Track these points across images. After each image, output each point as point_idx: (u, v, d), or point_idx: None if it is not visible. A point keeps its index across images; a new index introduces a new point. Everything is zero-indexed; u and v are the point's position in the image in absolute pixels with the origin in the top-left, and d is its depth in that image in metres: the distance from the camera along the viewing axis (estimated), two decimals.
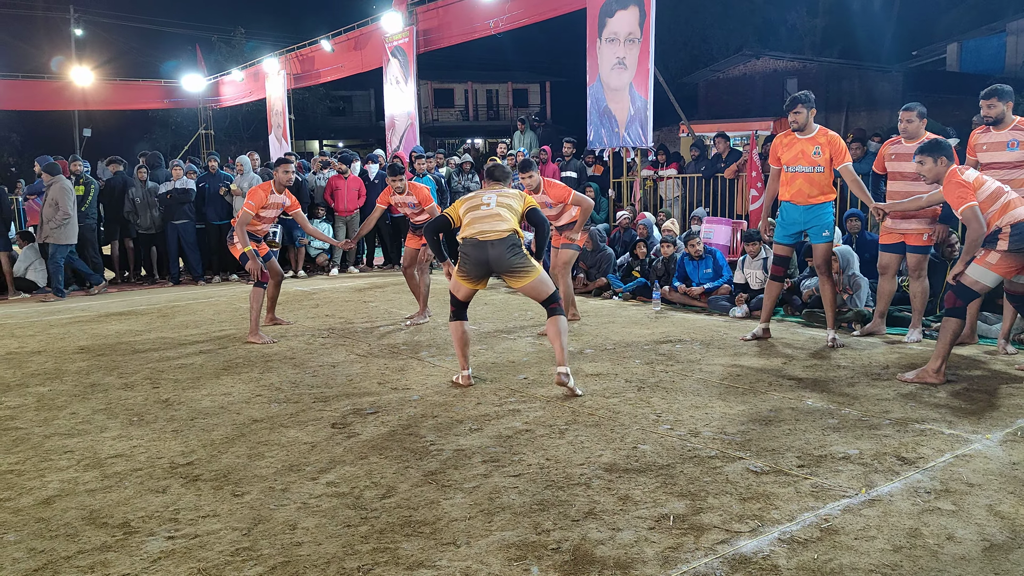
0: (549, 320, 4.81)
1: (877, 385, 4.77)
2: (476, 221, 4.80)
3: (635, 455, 3.66)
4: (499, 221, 4.77)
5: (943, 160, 4.92)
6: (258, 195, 6.72)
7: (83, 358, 6.27)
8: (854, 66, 28.05)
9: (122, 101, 20.99)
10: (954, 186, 4.81)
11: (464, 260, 4.81)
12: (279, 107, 17.42)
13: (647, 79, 9.55)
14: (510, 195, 4.98)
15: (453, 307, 5.01)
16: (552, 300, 4.81)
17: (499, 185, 5.15)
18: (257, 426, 4.31)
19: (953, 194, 4.80)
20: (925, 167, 4.98)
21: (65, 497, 3.39)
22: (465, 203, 4.98)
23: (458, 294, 4.96)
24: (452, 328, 5.02)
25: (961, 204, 4.74)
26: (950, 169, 4.90)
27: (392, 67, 14.21)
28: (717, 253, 8.00)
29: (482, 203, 4.89)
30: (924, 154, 4.98)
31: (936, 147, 4.97)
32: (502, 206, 4.86)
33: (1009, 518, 2.90)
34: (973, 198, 4.72)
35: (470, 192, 11.83)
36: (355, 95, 41.38)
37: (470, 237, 4.77)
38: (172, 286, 11.15)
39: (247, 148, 13.95)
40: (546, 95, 43.37)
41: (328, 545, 2.85)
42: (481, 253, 4.73)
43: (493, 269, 4.78)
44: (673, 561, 2.64)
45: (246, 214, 6.63)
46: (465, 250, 4.80)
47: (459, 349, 5.00)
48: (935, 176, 4.96)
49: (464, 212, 4.92)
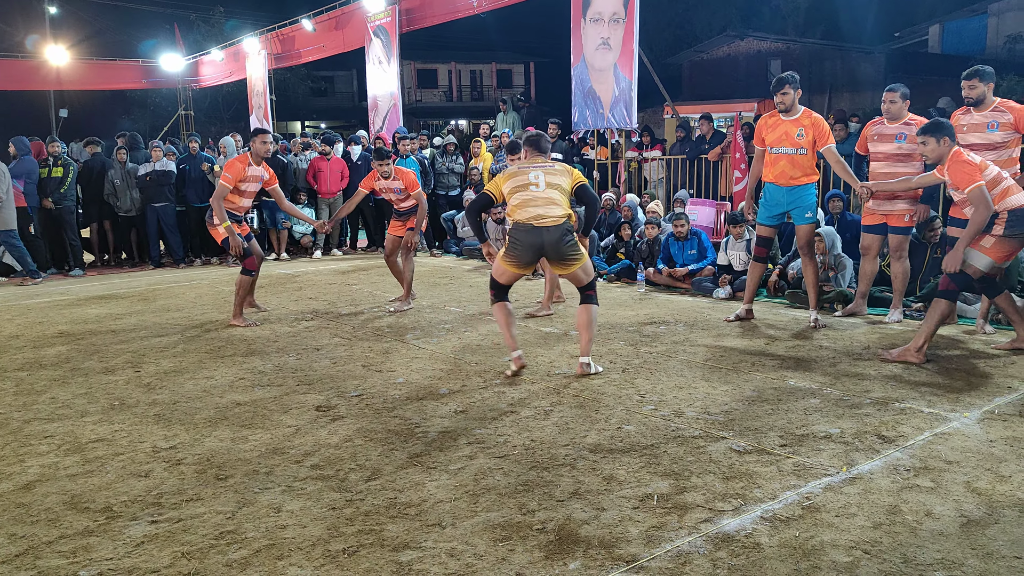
0: (582, 307, 4.72)
1: (858, 365, 4.82)
2: (529, 204, 4.54)
3: (619, 435, 3.68)
4: (553, 206, 4.53)
5: (946, 140, 4.87)
6: (235, 167, 6.36)
7: (63, 342, 6.20)
8: (837, 47, 28.11)
9: (99, 81, 20.67)
10: (962, 165, 4.77)
11: (515, 245, 4.59)
12: (260, 87, 17.22)
13: (631, 60, 9.51)
14: (557, 171, 4.69)
15: (493, 290, 4.82)
16: (589, 288, 4.73)
17: (541, 157, 4.80)
18: (240, 410, 4.29)
19: (961, 173, 4.76)
20: (928, 147, 4.92)
21: (46, 482, 3.37)
22: (509, 180, 4.67)
23: (502, 279, 4.78)
24: (496, 311, 4.81)
25: (969, 184, 4.71)
26: (954, 149, 4.86)
27: (375, 47, 14.07)
28: (702, 235, 8.02)
29: (530, 182, 4.59)
30: (927, 134, 4.92)
31: (939, 127, 4.91)
32: (552, 187, 4.60)
33: (986, 494, 2.94)
34: (981, 178, 4.70)
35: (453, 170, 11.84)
36: (337, 75, 41.02)
37: (524, 222, 4.53)
38: (153, 269, 11.04)
39: (228, 129, 13.82)
40: (530, 75, 43.17)
41: (313, 528, 2.85)
42: (536, 239, 4.52)
43: (546, 256, 4.61)
44: (657, 540, 2.66)
45: (223, 187, 6.30)
46: (517, 235, 4.57)
47: (506, 330, 4.78)
48: (937, 156, 4.91)
49: (510, 191, 4.64)
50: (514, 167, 4.75)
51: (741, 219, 7.38)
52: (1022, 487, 3.00)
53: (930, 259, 6.58)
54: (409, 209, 7.13)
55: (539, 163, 4.74)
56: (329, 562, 2.60)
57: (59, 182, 10.31)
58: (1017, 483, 3.03)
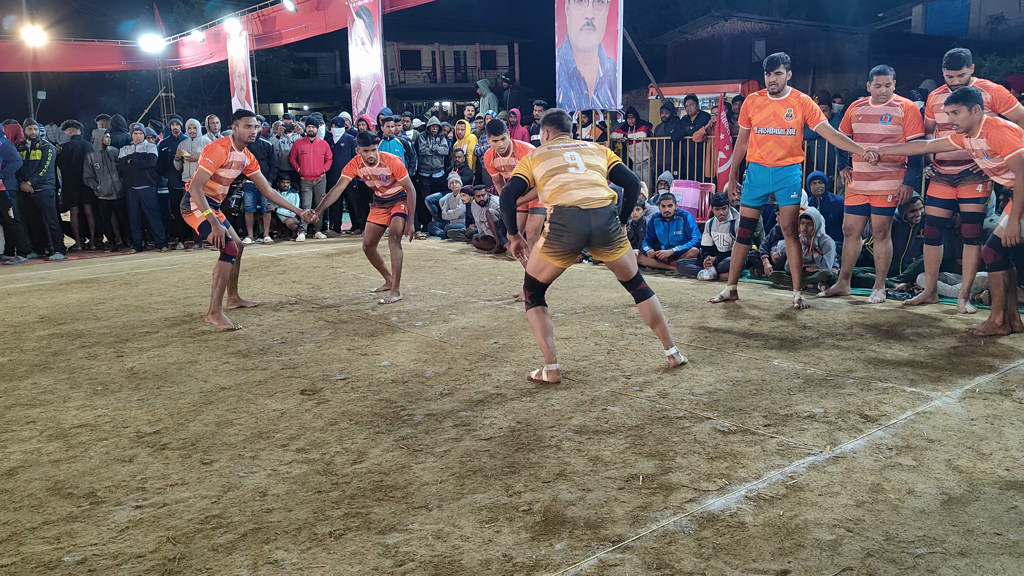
0: (644, 303, 4.40)
1: (842, 345, 4.85)
2: (573, 187, 4.13)
3: (605, 417, 3.69)
4: (599, 188, 4.17)
5: (977, 108, 4.86)
6: (216, 152, 5.86)
7: (44, 327, 6.14)
8: (821, 28, 28.10)
9: (77, 62, 20.33)
10: (1004, 130, 4.77)
11: (560, 232, 4.12)
12: (242, 69, 17.01)
13: (616, 40, 9.46)
14: (591, 151, 4.34)
15: (530, 291, 4.32)
16: (639, 280, 4.39)
17: (567, 136, 4.46)
18: (225, 393, 4.27)
19: (1003, 138, 4.75)
20: (960, 116, 4.88)
21: (28, 468, 3.34)
22: (542, 162, 4.25)
23: (541, 276, 4.28)
24: (532, 316, 4.32)
25: (1011, 150, 4.71)
26: (985, 117, 4.86)
27: (357, 28, 13.92)
28: (688, 216, 8.03)
29: (568, 164, 4.20)
30: (958, 103, 4.87)
31: (968, 96, 4.88)
32: (592, 168, 4.23)
33: (967, 472, 2.98)
34: (1022, 145, 4.71)
35: (436, 152, 11.77)
36: (320, 57, 40.59)
37: (570, 206, 4.09)
38: (135, 253, 10.94)
39: (209, 111, 13.62)
40: (514, 57, 42.90)
41: (299, 511, 2.85)
42: (584, 224, 4.09)
43: (593, 242, 4.18)
44: (642, 520, 2.68)
45: (202, 173, 5.80)
46: (563, 220, 4.11)
47: (543, 339, 4.29)
48: (969, 124, 4.88)
49: (546, 174, 4.22)
50: (543, 148, 4.36)
51: (725, 200, 7.39)
52: (1002, 464, 3.04)
53: (912, 239, 6.62)
54: (394, 196, 6.80)
55: (569, 142, 4.37)
56: (315, 545, 2.60)
57: (38, 165, 10.17)
58: (997, 460, 3.07)
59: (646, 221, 8.21)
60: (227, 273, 5.92)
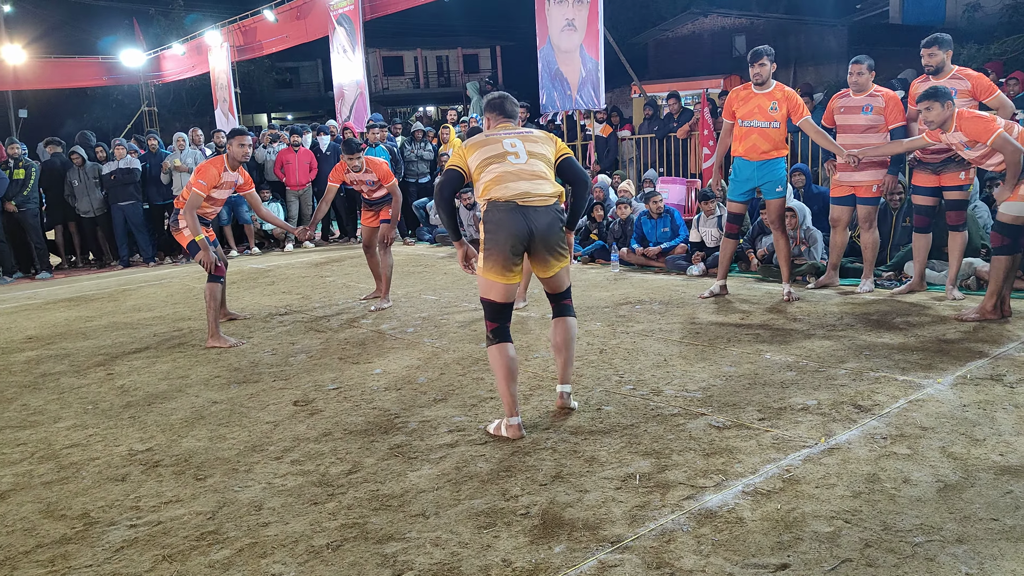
0: (558, 320, 3.67)
1: (833, 336, 4.86)
2: (509, 178, 3.43)
3: (599, 417, 3.68)
4: (541, 180, 3.47)
5: (949, 104, 4.92)
6: (209, 173, 5.69)
7: (32, 347, 6.09)
8: (800, 21, 28.21)
9: (58, 79, 20.22)
10: (975, 120, 4.82)
11: (495, 233, 3.40)
12: (224, 81, 16.95)
13: (597, 40, 9.48)
14: (537, 138, 3.63)
15: (491, 323, 3.53)
16: (568, 294, 3.69)
17: (511, 123, 3.75)
18: (217, 408, 4.24)
19: (977, 127, 4.80)
20: (933, 112, 4.94)
21: (20, 491, 3.31)
22: (477, 150, 3.56)
23: (493, 295, 3.49)
24: (494, 356, 3.51)
25: (990, 134, 4.75)
26: (958, 109, 4.93)
27: (338, 36, 13.90)
28: (675, 212, 8.05)
29: (507, 151, 3.51)
30: (931, 99, 4.93)
31: (939, 92, 4.95)
32: (536, 157, 3.53)
33: (961, 459, 2.99)
34: (997, 125, 4.75)
35: (422, 157, 11.75)
36: (302, 66, 40.49)
37: (506, 200, 3.39)
38: (122, 269, 10.88)
39: (193, 124, 13.57)
40: (497, 59, 42.91)
41: (295, 524, 2.83)
42: (522, 223, 3.38)
43: (533, 246, 3.46)
44: (641, 519, 2.67)
45: (196, 196, 5.64)
46: (497, 218, 3.40)
47: (504, 385, 3.48)
48: (942, 120, 4.94)
49: (480, 164, 3.53)
50: (479, 137, 3.65)
51: (711, 195, 7.41)
52: (996, 450, 3.05)
53: (898, 227, 6.66)
54: (381, 199, 6.79)
55: (512, 129, 3.67)
56: (313, 558, 2.58)
57: (21, 184, 10.11)
58: (991, 446, 3.08)
59: (633, 219, 8.22)
60: (218, 294, 5.82)
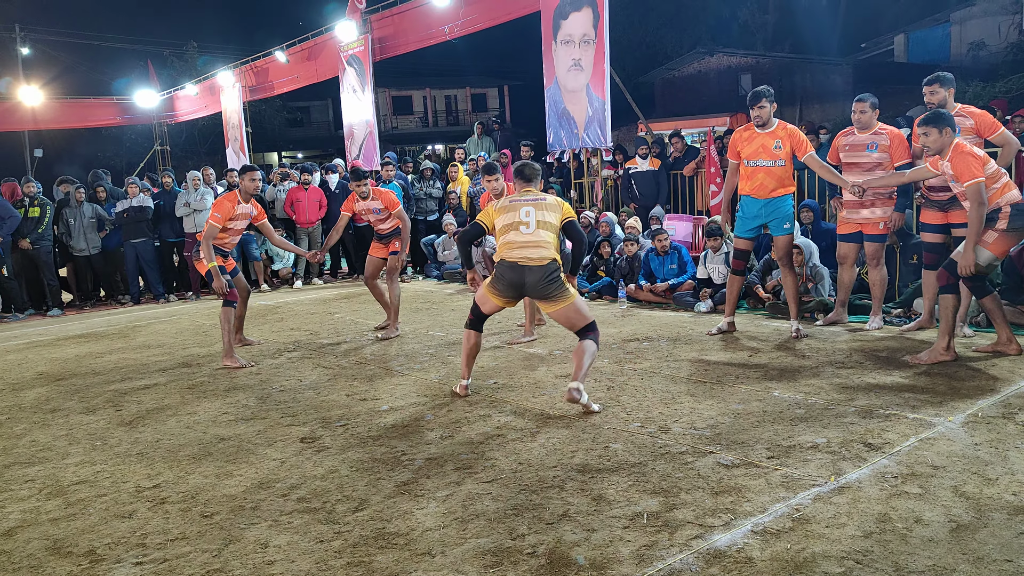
0: (580, 343, 4.54)
1: (842, 374, 4.84)
2: (517, 246, 4.58)
3: (607, 455, 3.66)
4: (540, 248, 4.56)
5: (948, 131, 4.85)
6: (224, 206, 6.30)
7: (42, 383, 6.12)
8: (805, 60, 28.51)
9: (74, 119, 20.58)
10: (967, 156, 4.75)
11: (499, 279, 4.66)
12: (235, 120, 17.21)
13: (603, 80, 9.60)
14: (548, 206, 4.68)
15: (472, 316, 4.88)
16: (589, 328, 4.56)
17: (530, 187, 4.83)
18: (224, 445, 4.24)
19: (964, 165, 4.74)
20: (930, 138, 4.89)
21: (27, 528, 3.30)
22: (501, 214, 4.72)
23: (484, 307, 4.83)
24: (466, 336, 4.89)
25: (970, 178, 4.70)
26: (956, 141, 4.86)
27: (348, 76, 14.12)
28: (682, 249, 8.07)
29: (520, 221, 4.62)
30: (928, 125, 4.88)
31: (940, 118, 4.88)
32: (542, 226, 4.61)
33: (974, 498, 2.95)
34: (982, 174, 4.71)
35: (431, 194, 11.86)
36: (313, 105, 41.12)
37: (509, 261, 4.59)
38: (132, 306, 10.94)
39: (204, 163, 13.74)
40: (505, 99, 43.46)
41: (301, 562, 2.81)
42: (518, 277, 4.58)
43: (527, 293, 4.65)
44: (649, 559, 2.65)
45: (212, 228, 6.25)
46: (501, 271, 4.64)
47: (466, 358, 4.89)
48: (939, 147, 4.89)
49: (501, 225, 4.70)
50: (506, 201, 4.77)
51: (718, 232, 7.44)
52: (1009, 489, 3.01)
53: (902, 264, 6.66)
54: (390, 231, 7.06)
55: (530, 196, 4.73)
56: None
57: (36, 222, 10.24)
58: (1004, 485, 3.05)
59: (640, 256, 8.24)
60: (231, 317, 6.29)
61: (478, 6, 11.62)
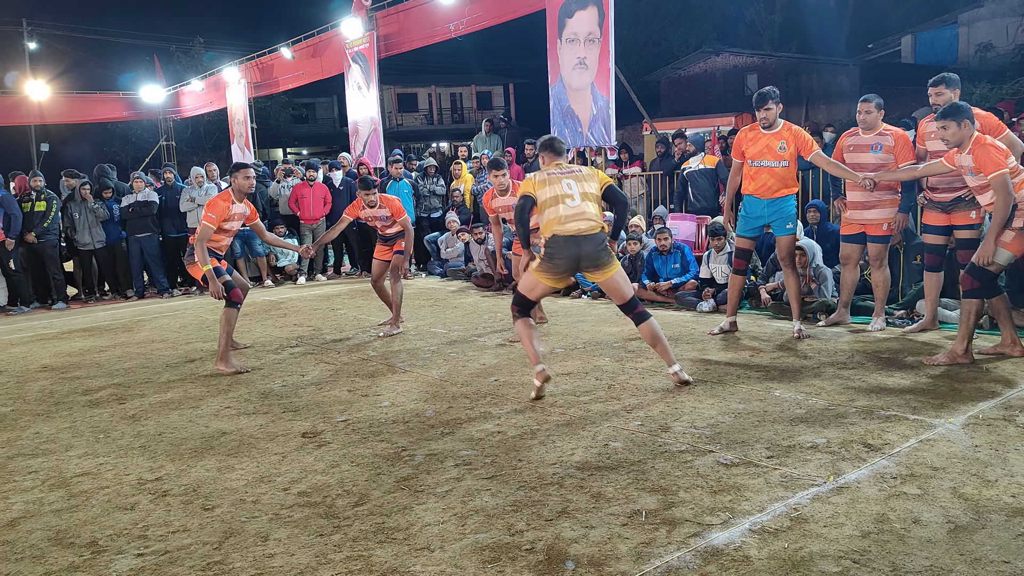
0: (643, 325, 4.69)
1: (843, 374, 4.85)
2: (568, 218, 4.57)
3: (607, 452, 3.68)
4: (590, 218, 4.59)
5: (967, 123, 4.78)
6: (219, 207, 5.96)
7: (46, 376, 6.15)
8: (812, 60, 28.47)
9: (80, 114, 20.64)
10: (990, 149, 4.69)
11: (554, 256, 4.59)
12: (241, 116, 17.25)
13: (608, 78, 9.60)
14: (586, 176, 4.73)
15: (517, 306, 4.78)
16: (636, 304, 4.72)
17: (562, 160, 4.90)
18: (226, 438, 4.26)
19: (987, 157, 4.68)
20: (949, 131, 4.81)
21: (30, 518, 3.33)
22: (543, 187, 4.68)
23: (532, 294, 4.76)
24: (520, 326, 4.75)
25: (995, 169, 4.65)
26: (975, 134, 4.79)
27: (354, 73, 14.14)
28: (685, 248, 8.07)
29: (565, 194, 4.62)
30: (947, 118, 4.80)
31: (959, 111, 4.80)
32: (586, 197, 4.64)
33: (972, 500, 2.96)
34: (1006, 165, 4.66)
35: (434, 192, 11.88)
36: (318, 102, 41.15)
37: (564, 235, 4.55)
38: (137, 300, 10.98)
39: (210, 158, 13.82)
40: (510, 97, 43.44)
41: (301, 555, 2.83)
42: (575, 250, 4.56)
43: (582, 264, 4.63)
44: (646, 556, 2.66)
45: (206, 229, 5.86)
46: (557, 246, 4.57)
47: (530, 344, 4.71)
48: (959, 140, 4.82)
49: (545, 200, 4.65)
50: (543, 174, 4.75)
51: (721, 231, 7.44)
52: (1008, 491, 3.02)
53: (907, 265, 6.65)
54: (395, 234, 7.12)
55: (566, 168, 4.77)
56: None
57: (42, 216, 10.28)
58: (1003, 487, 3.06)
59: (643, 255, 8.25)
60: (233, 319, 5.98)
61: (483, 4, 11.63)
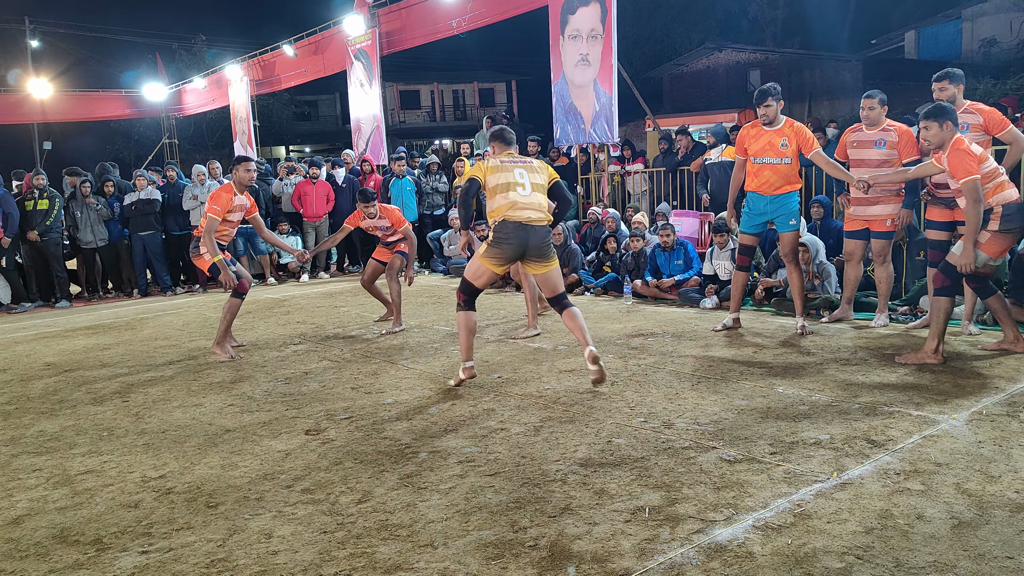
0: (566, 313, 4.79)
1: (846, 370, 4.84)
2: (520, 206, 4.68)
3: (610, 449, 3.68)
4: (540, 209, 4.74)
5: (948, 125, 4.78)
6: (222, 198, 6.18)
7: (50, 374, 6.16)
8: (815, 56, 28.41)
9: (83, 112, 20.67)
10: (962, 154, 4.69)
11: (501, 242, 4.68)
12: (243, 114, 17.26)
13: (611, 75, 9.59)
14: (535, 169, 4.88)
15: (464, 296, 4.86)
16: (564, 297, 4.83)
17: (512, 151, 4.99)
18: (230, 436, 4.27)
19: (959, 162, 4.68)
20: (930, 132, 4.83)
21: (34, 516, 3.33)
22: (494, 173, 4.79)
23: (478, 282, 4.83)
24: (462, 319, 4.86)
25: (965, 175, 4.65)
26: (956, 137, 4.78)
27: (356, 70, 14.13)
28: (688, 245, 8.07)
29: (516, 182, 4.74)
30: (929, 119, 4.81)
31: (942, 112, 4.81)
32: (536, 188, 4.78)
33: (976, 495, 2.95)
34: (978, 171, 4.65)
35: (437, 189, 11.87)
36: (320, 99, 41.17)
37: (514, 220, 4.66)
38: (140, 298, 11.00)
39: (212, 156, 13.83)
40: (512, 93, 43.41)
41: (304, 552, 2.83)
42: (523, 237, 4.66)
43: (528, 254, 4.73)
44: (649, 553, 2.66)
45: (212, 220, 6.12)
46: (505, 232, 4.66)
47: (466, 339, 4.87)
48: (940, 141, 4.82)
49: (496, 186, 4.75)
50: (495, 161, 4.85)
51: (724, 228, 7.43)
52: (1012, 487, 3.02)
53: (910, 261, 6.64)
54: (397, 240, 7.15)
55: (518, 158, 4.90)
56: None
57: (44, 214, 10.28)
58: (1007, 483, 3.05)
59: (647, 252, 8.24)
60: (236, 309, 6.29)
61: (485, 0, 11.62)
